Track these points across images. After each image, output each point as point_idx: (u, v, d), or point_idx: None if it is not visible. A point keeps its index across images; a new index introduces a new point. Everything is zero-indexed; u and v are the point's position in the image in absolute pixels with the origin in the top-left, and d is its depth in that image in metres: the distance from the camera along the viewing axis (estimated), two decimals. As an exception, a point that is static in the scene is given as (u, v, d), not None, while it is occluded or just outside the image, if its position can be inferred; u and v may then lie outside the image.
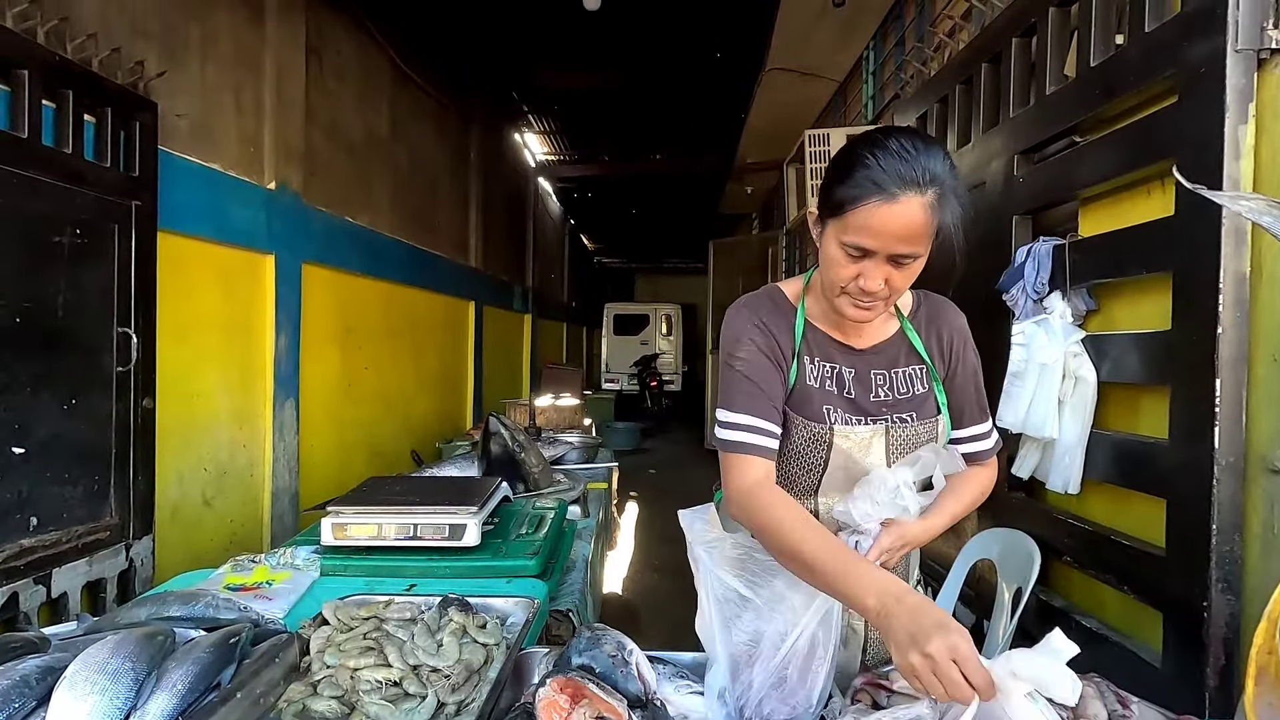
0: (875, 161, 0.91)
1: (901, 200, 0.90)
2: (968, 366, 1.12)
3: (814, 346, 1.08)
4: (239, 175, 3.04)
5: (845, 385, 1.07)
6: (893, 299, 0.99)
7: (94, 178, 2.16)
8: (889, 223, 0.90)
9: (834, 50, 3.92)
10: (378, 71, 4.36)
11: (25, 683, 0.76)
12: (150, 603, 1.09)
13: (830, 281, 1.00)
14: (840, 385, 1.07)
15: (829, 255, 0.98)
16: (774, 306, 1.09)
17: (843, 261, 0.96)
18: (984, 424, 1.14)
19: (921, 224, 0.91)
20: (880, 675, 0.99)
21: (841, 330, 1.08)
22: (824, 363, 1.07)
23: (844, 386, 1.07)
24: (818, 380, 1.06)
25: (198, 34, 2.81)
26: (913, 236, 0.91)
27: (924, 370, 1.09)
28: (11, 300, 1.90)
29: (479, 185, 6.12)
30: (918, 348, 1.09)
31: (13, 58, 1.89)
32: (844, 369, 1.07)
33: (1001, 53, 1.81)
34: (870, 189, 0.91)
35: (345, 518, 1.41)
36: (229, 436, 3.05)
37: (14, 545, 1.92)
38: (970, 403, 1.13)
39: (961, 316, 1.14)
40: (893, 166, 0.90)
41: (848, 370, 1.07)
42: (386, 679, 0.93)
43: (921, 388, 1.08)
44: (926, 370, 1.09)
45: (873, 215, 0.91)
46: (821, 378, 1.06)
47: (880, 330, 1.09)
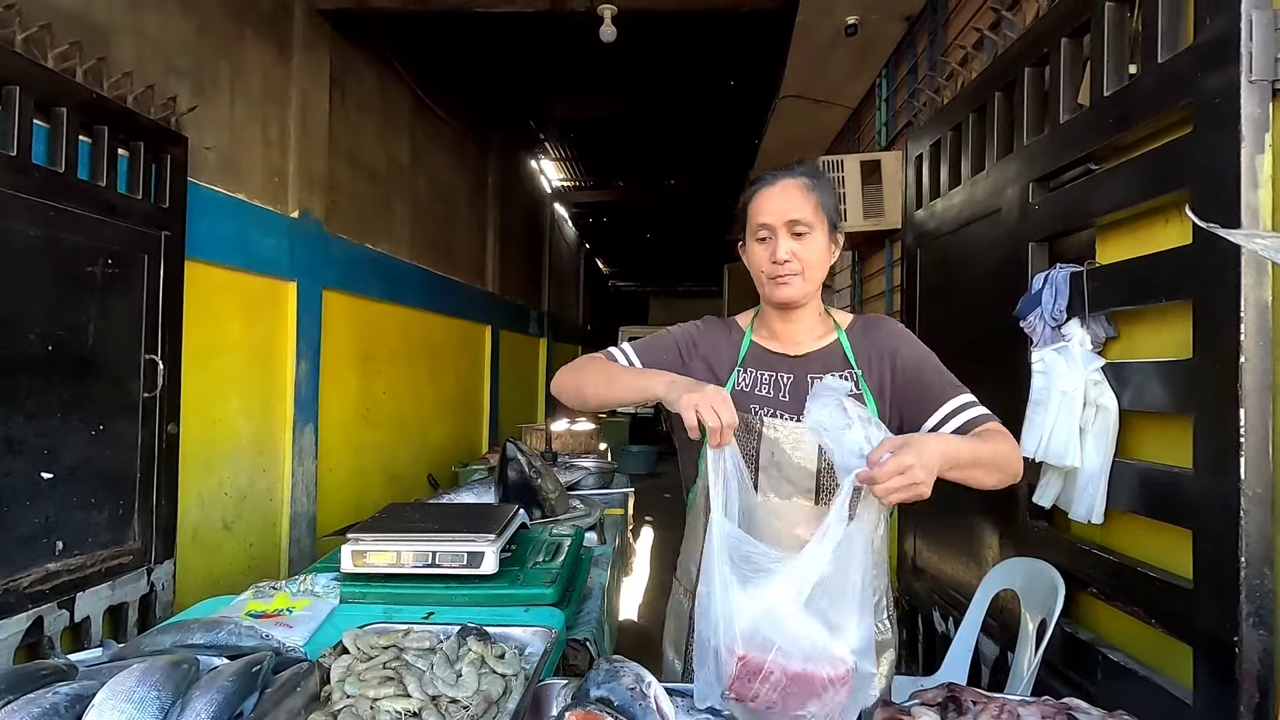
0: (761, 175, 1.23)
1: (781, 182, 1.18)
2: (912, 357, 1.20)
3: (754, 360, 1.25)
4: (264, 205, 3.12)
5: (781, 390, 1.21)
6: (808, 274, 1.17)
7: (126, 209, 2.23)
8: (775, 198, 1.17)
9: (847, 78, 3.96)
10: (398, 102, 4.47)
11: (54, 710, 0.78)
12: (174, 630, 1.10)
13: (757, 277, 1.22)
14: (775, 390, 1.21)
15: (751, 257, 1.22)
16: (725, 327, 1.33)
17: (758, 251, 1.20)
18: (960, 396, 1.15)
19: (800, 197, 1.16)
20: (901, 709, 0.97)
21: (780, 341, 1.25)
22: (759, 371, 1.24)
23: (779, 390, 1.21)
24: (750, 385, 1.23)
25: (227, 70, 2.91)
26: (796, 206, 1.16)
27: (853, 376, 1.19)
28: (45, 329, 1.96)
29: (496, 212, 6.21)
30: (849, 356, 1.21)
31: (53, 96, 1.97)
32: (781, 376, 1.22)
33: (1015, 81, 1.82)
34: (759, 184, 1.21)
35: (364, 545, 1.42)
36: (249, 461, 3.08)
37: (40, 569, 1.95)
38: (934, 384, 1.17)
39: (898, 325, 1.27)
40: (771, 172, 1.21)
41: (785, 377, 1.22)
42: (406, 709, 0.93)
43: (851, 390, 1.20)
44: (856, 378, 1.19)
45: (763, 199, 1.19)
46: (755, 383, 1.23)
47: (817, 339, 1.24)
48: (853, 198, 3.49)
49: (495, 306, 6.21)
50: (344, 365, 3.79)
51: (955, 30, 2.67)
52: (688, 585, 1.26)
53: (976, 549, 2.04)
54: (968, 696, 0.98)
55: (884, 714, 0.95)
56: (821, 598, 0.92)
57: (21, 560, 1.90)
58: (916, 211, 2.49)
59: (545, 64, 4.78)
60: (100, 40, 2.26)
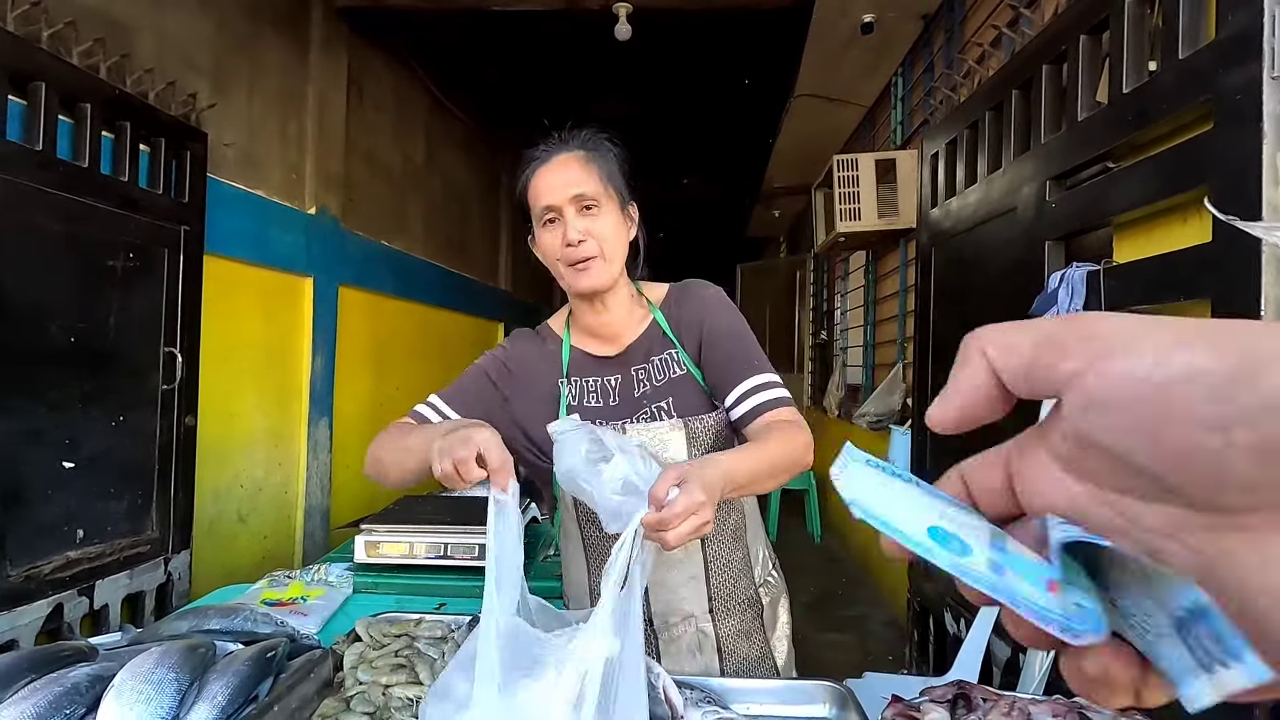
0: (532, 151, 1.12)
1: (556, 158, 1.08)
2: (717, 328, 1.10)
3: (577, 368, 1.15)
4: (281, 201, 3.15)
5: (610, 395, 1.12)
6: (607, 253, 1.06)
7: (147, 204, 2.26)
8: (552, 175, 1.06)
9: (862, 76, 3.95)
10: (413, 100, 4.50)
11: (76, 690, 0.79)
12: (191, 616, 1.12)
13: (554, 265, 1.09)
14: (604, 397, 1.12)
15: (542, 247, 1.10)
16: (537, 339, 1.20)
17: (547, 237, 1.07)
18: (756, 375, 1.06)
19: (580, 170, 1.06)
20: (911, 706, 0.97)
21: (600, 338, 1.15)
22: (584, 379, 1.13)
23: (608, 397, 1.12)
24: (578, 398, 1.12)
25: (246, 67, 2.94)
26: (579, 180, 1.05)
27: (675, 354, 1.12)
28: (68, 321, 1.99)
29: (509, 209, 6.24)
30: (667, 332, 1.13)
31: (77, 92, 2.00)
32: (607, 380, 1.13)
33: (1032, 79, 1.81)
34: (531, 164, 1.10)
35: (378, 536, 1.43)
36: (265, 454, 3.12)
37: (60, 557, 1.98)
38: (734, 359, 1.08)
39: (711, 288, 1.16)
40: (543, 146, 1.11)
41: (611, 379, 1.13)
42: (418, 696, 0.94)
43: (678, 370, 1.11)
44: (677, 353, 1.11)
45: (540, 178, 1.07)
46: (582, 394, 1.13)
47: (634, 328, 1.15)
48: (867, 197, 3.48)
49: (507, 304, 6.24)
50: (358, 361, 3.83)
51: (972, 28, 2.66)
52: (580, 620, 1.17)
53: (989, 550, 2.02)
54: (978, 694, 0.97)
55: (894, 710, 0.95)
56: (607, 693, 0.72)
57: (43, 548, 1.93)
58: (932, 210, 2.48)
59: (559, 63, 4.79)
60: (123, 37, 2.29)
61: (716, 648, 1.14)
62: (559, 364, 1.15)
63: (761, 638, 1.16)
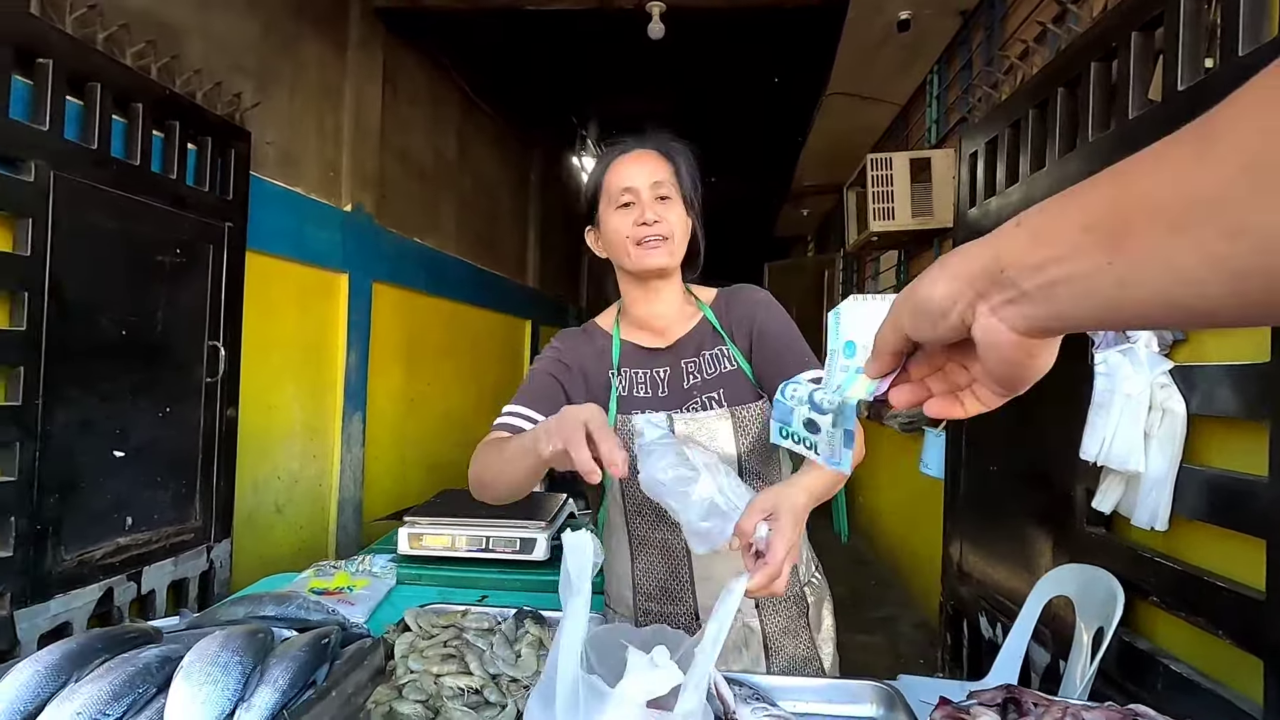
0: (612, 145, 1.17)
1: (637, 150, 1.14)
2: (770, 326, 1.14)
3: (627, 360, 1.17)
4: (319, 198, 3.21)
5: (659, 387, 1.15)
6: (676, 241, 1.11)
7: (194, 201, 2.32)
8: (634, 164, 1.12)
9: (897, 74, 3.90)
10: (447, 99, 4.55)
11: (147, 670, 0.82)
12: (246, 602, 1.15)
13: (620, 247, 1.12)
14: (653, 388, 1.15)
15: (611, 227, 1.12)
16: (585, 336, 1.22)
17: (621, 218, 1.11)
18: (810, 371, 1.06)
19: (660, 163, 1.13)
20: (960, 708, 0.96)
21: (651, 331, 1.18)
22: (633, 371, 1.16)
23: (657, 388, 1.15)
24: (628, 389, 1.15)
25: (287, 67, 3.00)
26: (657, 171, 1.12)
27: (725, 350, 1.15)
28: (119, 315, 2.05)
29: (537, 207, 6.28)
30: (718, 329, 1.16)
31: (130, 93, 2.06)
32: (656, 371, 1.16)
33: (1080, 76, 1.77)
34: (613, 153, 1.15)
35: (420, 528, 1.46)
36: (301, 447, 3.18)
37: (111, 544, 2.04)
38: (786, 355, 1.10)
39: (761, 291, 1.20)
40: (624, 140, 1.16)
41: (660, 370, 1.16)
42: (468, 686, 0.95)
43: (729, 365, 1.14)
44: (728, 348, 1.15)
45: (621, 164, 1.13)
46: (631, 385, 1.16)
47: (683, 323, 1.18)
48: (901, 196, 3.44)
49: (535, 301, 6.28)
50: (391, 356, 3.88)
51: (1014, 24, 2.61)
52: (626, 611, 1.18)
53: (1027, 555, 1.99)
54: (1028, 698, 0.96)
55: (943, 713, 0.94)
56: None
57: (94, 534, 1.99)
58: (970, 210, 2.44)
59: (590, 61, 4.81)
60: (173, 39, 2.35)
61: (763, 644, 1.14)
62: (609, 357, 1.18)
63: (808, 637, 1.16)
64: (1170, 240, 0.28)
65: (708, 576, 1.12)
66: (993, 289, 0.36)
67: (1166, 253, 0.28)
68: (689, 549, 1.10)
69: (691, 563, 1.13)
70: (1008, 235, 0.36)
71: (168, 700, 0.79)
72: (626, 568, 1.17)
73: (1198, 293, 0.28)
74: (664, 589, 1.15)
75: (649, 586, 1.15)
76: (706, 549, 0.82)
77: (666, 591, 1.14)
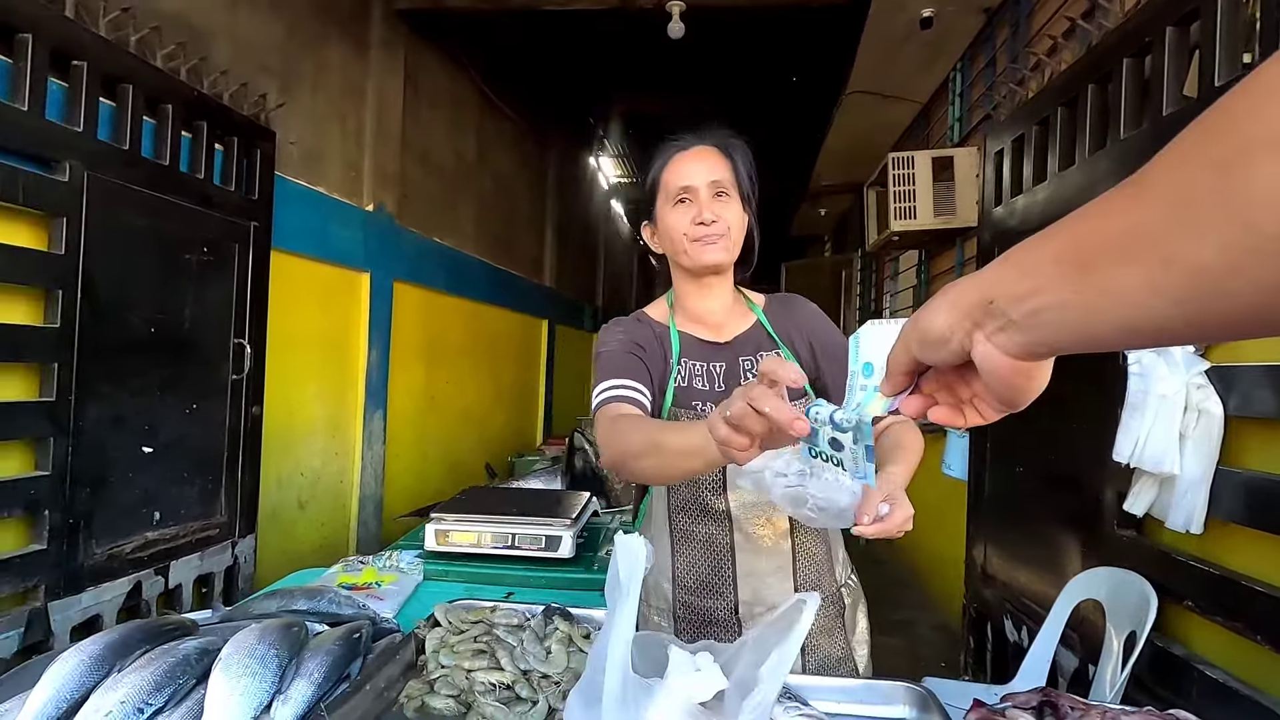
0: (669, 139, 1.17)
1: (696, 147, 1.14)
2: (831, 341, 1.17)
3: (686, 351, 1.18)
4: (341, 198, 3.24)
5: (715, 381, 1.16)
6: (732, 237, 1.12)
7: (221, 200, 2.35)
8: (693, 161, 1.13)
9: (919, 72, 3.87)
10: (466, 100, 4.57)
11: (187, 661, 0.83)
12: (279, 596, 1.17)
13: (677, 244, 1.13)
14: (710, 381, 1.16)
15: (668, 224, 1.14)
16: (639, 323, 1.22)
17: (678, 215, 1.12)
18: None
19: (718, 160, 1.13)
20: (995, 711, 0.95)
21: (705, 326, 1.19)
22: (692, 362, 1.17)
23: (714, 382, 1.16)
24: (687, 380, 1.16)
25: (310, 68, 3.03)
26: (716, 168, 1.12)
27: (779, 354, 1.16)
28: (148, 312, 2.08)
29: (555, 207, 6.30)
30: (773, 334, 1.18)
31: (160, 94, 2.09)
32: (713, 365, 1.17)
33: (1111, 72, 1.75)
34: (671, 149, 1.16)
35: (447, 524, 1.46)
36: (323, 444, 3.21)
37: (139, 538, 2.07)
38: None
39: (811, 304, 1.23)
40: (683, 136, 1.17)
41: (717, 366, 1.16)
42: (500, 682, 0.96)
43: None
44: (782, 353, 1.16)
45: (680, 162, 1.13)
46: (690, 376, 1.16)
47: (739, 323, 1.19)
48: (923, 195, 3.41)
49: (552, 301, 6.29)
50: (411, 354, 3.91)
51: (1041, 20, 2.58)
52: (662, 605, 1.19)
53: (1055, 557, 1.97)
54: (1064, 702, 0.95)
55: (977, 715, 0.93)
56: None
57: (124, 528, 2.02)
58: (995, 209, 2.42)
59: (609, 61, 4.82)
60: (201, 41, 2.38)
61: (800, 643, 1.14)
62: (668, 346, 1.18)
63: (844, 638, 1.16)
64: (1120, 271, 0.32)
65: (750, 572, 1.14)
66: (986, 319, 0.40)
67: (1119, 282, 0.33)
68: (733, 545, 1.13)
69: (735, 559, 1.14)
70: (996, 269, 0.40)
71: (207, 691, 0.80)
72: (667, 562, 1.18)
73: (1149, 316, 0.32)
74: (705, 583, 1.15)
75: (690, 581, 1.16)
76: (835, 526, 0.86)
77: (708, 586, 1.15)
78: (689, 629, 1.17)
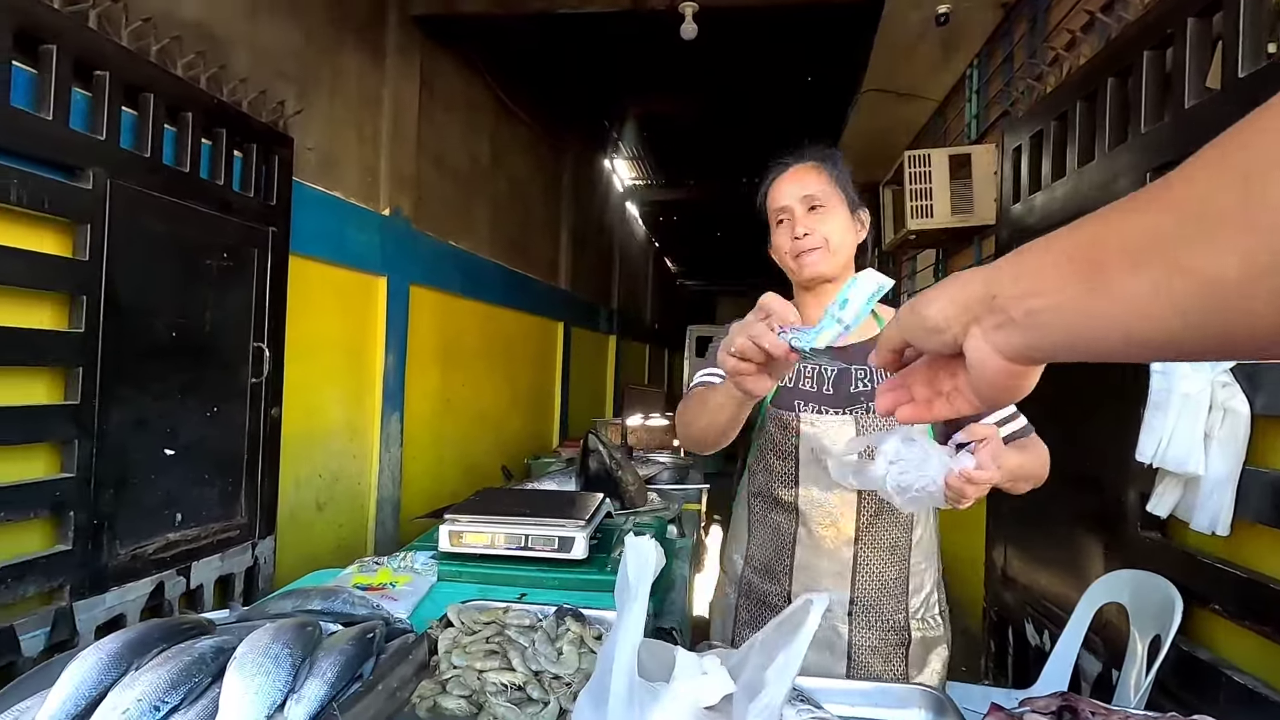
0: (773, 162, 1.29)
1: (792, 168, 1.24)
2: None
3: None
4: (358, 202, 3.27)
5: (824, 383, 1.22)
6: (832, 246, 1.19)
7: (240, 206, 2.38)
8: (787, 182, 1.22)
9: (935, 69, 3.83)
10: (481, 104, 4.60)
11: (202, 660, 0.84)
12: (294, 596, 1.18)
13: (784, 263, 1.26)
14: (819, 383, 1.22)
15: (775, 244, 1.26)
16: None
17: (781, 235, 1.23)
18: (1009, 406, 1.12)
19: (811, 174, 1.21)
20: (1013, 715, 0.94)
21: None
22: (803, 364, 1.23)
23: (822, 384, 1.22)
24: (794, 381, 1.23)
25: (327, 74, 3.06)
26: (809, 183, 1.20)
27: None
28: (169, 317, 2.11)
29: (570, 210, 6.32)
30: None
31: (181, 102, 2.12)
32: (824, 368, 1.23)
33: (1131, 65, 1.72)
34: (771, 174, 1.27)
35: (461, 525, 1.47)
36: (341, 446, 3.24)
37: (162, 539, 2.11)
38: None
39: None
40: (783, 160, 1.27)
41: (827, 368, 1.23)
42: (511, 682, 0.96)
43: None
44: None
45: (778, 185, 1.24)
46: (799, 376, 1.23)
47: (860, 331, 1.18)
48: (940, 193, 3.38)
49: (567, 303, 6.31)
50: (427, 358, 3.94)
51: (1059, 14, 2.54)
52: (733, 576, 1.30)
53: (1076, 559, 1.93)
54: (1085, 707, 0.93)
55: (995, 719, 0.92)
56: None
57: (147, 529, 2.06)
58: (1014, 206, 2.38)
59: (622, 63, 4.83)
60: (220, 50, 2.42)
61: (847, 654, 1.15)
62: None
63: (901, 668, 1.18)
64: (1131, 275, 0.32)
65: (806, 567, 1.19)
66: (985, 314, 0.40)
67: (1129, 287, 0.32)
68: (796, 537, 1.20)
69: (795, 551, 1.20)
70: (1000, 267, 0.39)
71: (222, 690, 0.80)
72: (744, 540, 1.28)
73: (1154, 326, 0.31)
74: (767, 567, 1.23)
75: (757, 561, 1.25)
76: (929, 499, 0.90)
77: (769, 570, 1.23)
78: (748, 607, 1.26)
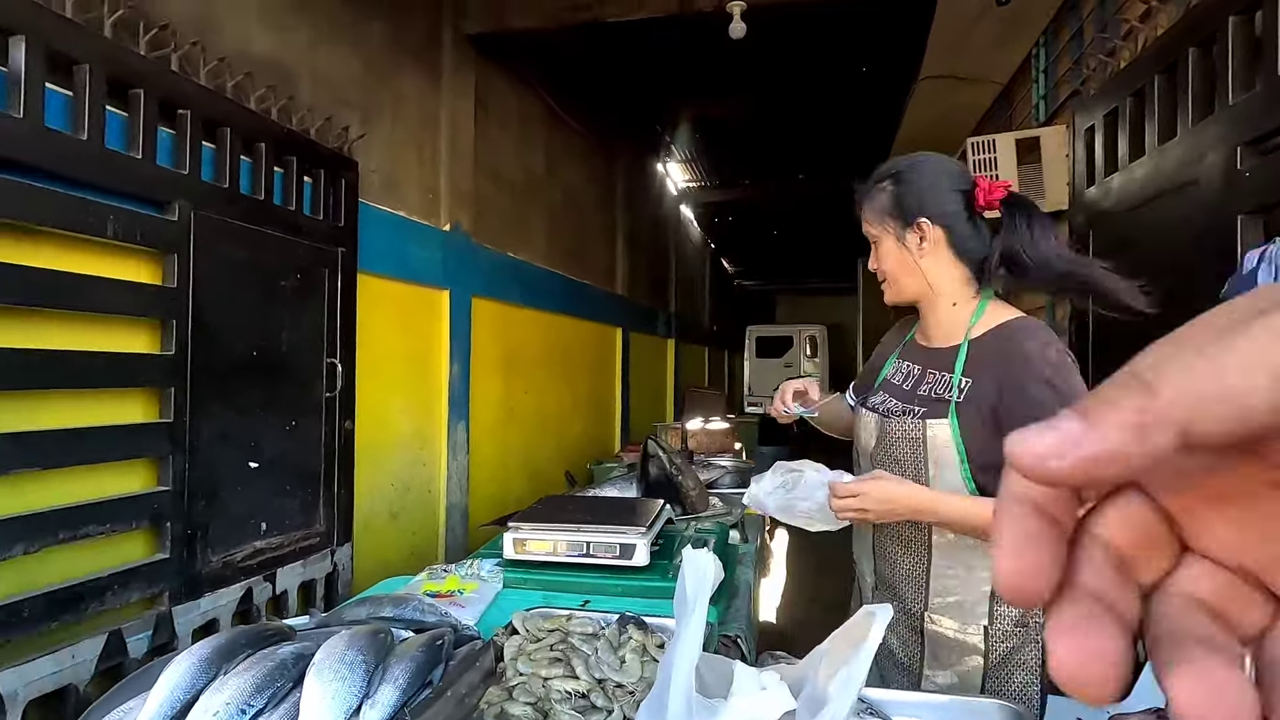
0: None
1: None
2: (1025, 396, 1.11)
3: (906, 351, 1.37)
4: (420, 220, 3.39)
5: (907, 379, 1.30)
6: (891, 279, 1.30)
7: (310, 229, 2.50)
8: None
9: (996, 51, 3.67)
10: (534, 117, 4.69)
11: (284, 665, 0.89)
12: (368, 603, 1.22)
13: None
14: (906, 378, 1.30)
15: None
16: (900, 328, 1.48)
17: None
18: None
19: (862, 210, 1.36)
20: None
21: (925, 334, 1.34)
22: (903, 362, 1.34)
23: (905, 378, 1.30)
24: (891, 374, 1.34)
25: (388, 98, 3.19)
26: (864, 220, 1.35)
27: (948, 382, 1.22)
28: (250, 337, 2.24)
29: (624, 216, 6.36)
30: (959, 364, 1.23)
31: (254, 134, 2.25)
32: (914, 366, 1.30)
33: (1216, 33, 1.60)
34: None
35: (524, 533, 1.50)
36: (411, 456, 3.36)
37: (249, 547, 2.23)
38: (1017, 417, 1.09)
39: (1035, 342, 1.15)
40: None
41: (916, 368, 1.29)
42: (575, 690, 0.97)
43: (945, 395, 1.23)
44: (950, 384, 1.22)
45: None
46: (895, 372, 1.34)
47: (949, 337, 1.28)
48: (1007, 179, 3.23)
49: (625, 308, 6.35)
50: (490, 367, 4.03)
51: (1132, -16, 2.39)
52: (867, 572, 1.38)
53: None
54: (1184, 725, 0.86)
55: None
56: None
57: (235, 539, 2.18)
58: (1088, 189, 2.26)
59: (671, 67, 4.83)
60: (289, 82, 2.55)
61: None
62: (899, 344, 1.41)
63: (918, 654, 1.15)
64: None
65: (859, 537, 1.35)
66: None
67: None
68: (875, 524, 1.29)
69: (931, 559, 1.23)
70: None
71: (302, 696, 0.84)
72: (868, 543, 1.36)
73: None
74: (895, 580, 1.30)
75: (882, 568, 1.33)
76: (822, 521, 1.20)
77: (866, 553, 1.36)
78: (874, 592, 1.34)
